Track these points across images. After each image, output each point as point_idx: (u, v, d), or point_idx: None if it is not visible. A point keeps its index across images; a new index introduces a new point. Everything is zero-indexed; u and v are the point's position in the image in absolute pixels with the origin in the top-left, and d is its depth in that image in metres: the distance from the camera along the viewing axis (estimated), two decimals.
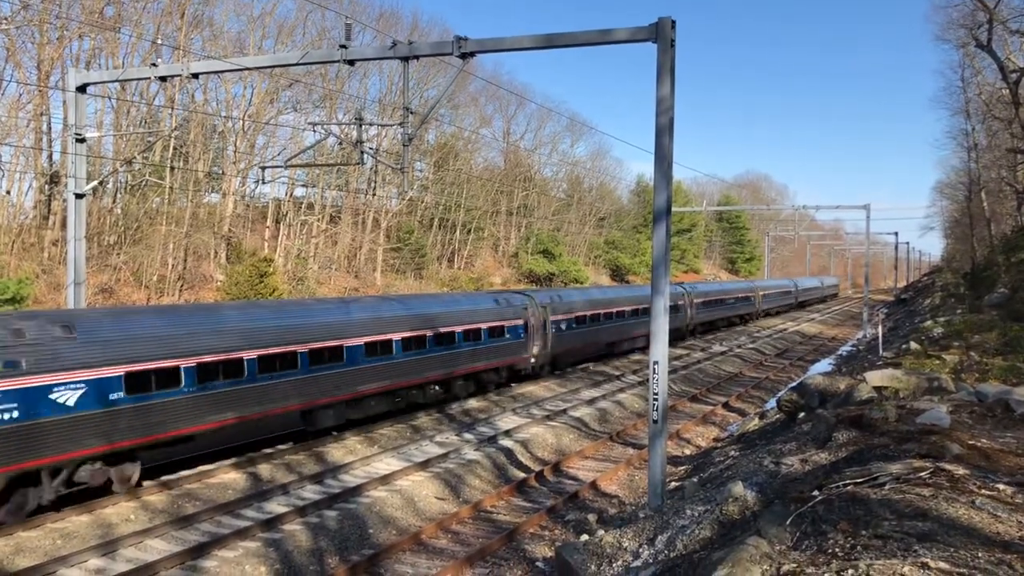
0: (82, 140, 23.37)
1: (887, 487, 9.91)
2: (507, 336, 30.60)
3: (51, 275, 40.12)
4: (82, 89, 23.35)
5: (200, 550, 14.59)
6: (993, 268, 52.40)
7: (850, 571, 6.89)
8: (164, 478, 18.71)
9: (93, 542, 15.03)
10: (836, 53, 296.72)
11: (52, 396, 15.25)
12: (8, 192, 43.13)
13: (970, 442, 12.47)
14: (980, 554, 7.40)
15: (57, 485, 15.86)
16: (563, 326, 34.86)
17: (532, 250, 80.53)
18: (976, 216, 63.30)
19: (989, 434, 13.58)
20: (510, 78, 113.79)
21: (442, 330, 26.86)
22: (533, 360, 32.91)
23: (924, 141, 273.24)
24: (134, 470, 17.33)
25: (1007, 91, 42.86)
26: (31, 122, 43.84)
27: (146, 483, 18.29)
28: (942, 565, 6.89)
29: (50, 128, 45.20)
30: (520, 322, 31.50)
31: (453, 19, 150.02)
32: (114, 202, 48.09)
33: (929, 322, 45.63)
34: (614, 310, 40.52)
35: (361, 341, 23.39)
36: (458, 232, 74.47)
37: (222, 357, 18.88)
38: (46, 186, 44.47)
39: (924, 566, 6.84)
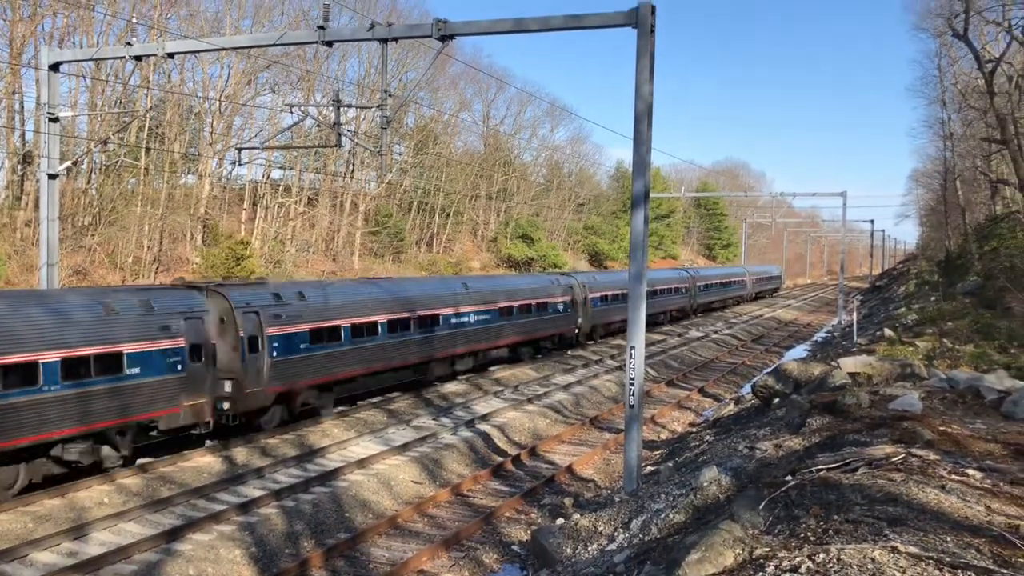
0: (55, 119, 23.04)
1: (859, 472, 10.02)
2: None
3: (24, 256, 39.59)
4: (55, 67, 23.00)
5: (174, 533, 14.52)
6: (967, 256, 52.96)
7: (821, 555, 6.96)
8: (140, 461, 18.61)
9: (66, 525, 14.92)
10: (814, 41, 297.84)
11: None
12: None
13: (941, 428, 12.63)
14: (949, 538, 7.51)
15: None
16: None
17: (511, 235, 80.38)
18: (951, 205, 63.85)
19: (960, 420, 13.76)
20: (490, 62, 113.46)
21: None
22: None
23: (901, 130, 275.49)
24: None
25: (983, 81, 43.15)
26: (2, 100, 43.08)
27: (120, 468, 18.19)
28: (912, 549, 6.97)
29: (23, 107, 44.47)
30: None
31: (432, 0, 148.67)
32: (88, 183, 47.42)
33: (903, 309, 46.14)
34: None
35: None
36: (437, 216, 74.20)
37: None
38: (18, 166, 43.77)
39: (894, 550, 6.92)
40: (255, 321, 20.36)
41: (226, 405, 19.68)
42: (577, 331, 39.36)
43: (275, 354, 20.78)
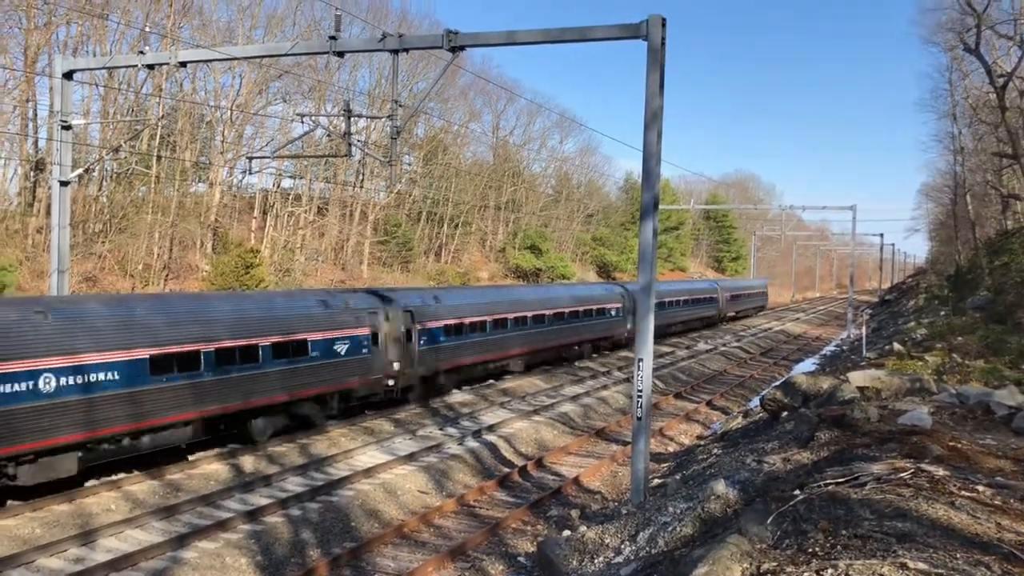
0: (68, 127, 23.18)
1: (868, 487, 9.97)
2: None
3: (35, 262, 39.81)
4: (68, 76, 23.16)
5: (180, 541, 14.53)
6: (976, 271, 52.73)
7: (830, 571, 6.92)
8: (149, 469, 18.65)
9: (73, 531, 14.95)
10: (824, 54, 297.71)
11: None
12: None
13: (951, 443, 12.56)
14: (959, 555, 7.45)
15: None
16: None
17: (520, 245, 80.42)
18: (961, 219, 63.59)
19: (970, 436, 13.68)
20: (500, 72, 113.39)
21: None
22: None
23: (911, 143, 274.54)
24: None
25: (994, 95, 43.05)
26: (16, 108, 43.46)
27: (123, 474, 18.24)
28: (921, 566, 6.93)
29: (36, 114, 44.87)
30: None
31: (443, 11, 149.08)
32: (99, 190, 47.70)
33: (912, 323, 45.93)
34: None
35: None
36: (446, 226, 74.33)
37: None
38: (31, 173, 44.10)
39: (903, 566, 6.88)
40: None
41: None
42: (394, 382, 25.66)
43: None
